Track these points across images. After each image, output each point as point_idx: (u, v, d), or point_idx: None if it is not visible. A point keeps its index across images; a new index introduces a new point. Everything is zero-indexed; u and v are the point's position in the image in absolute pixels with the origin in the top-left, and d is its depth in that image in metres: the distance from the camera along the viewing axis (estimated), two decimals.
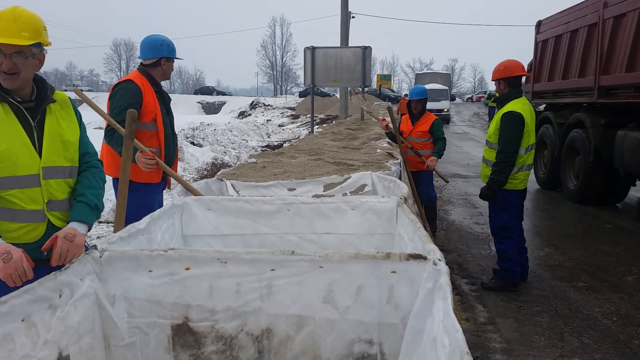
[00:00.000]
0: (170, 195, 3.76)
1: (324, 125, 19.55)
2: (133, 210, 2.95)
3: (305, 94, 43.53)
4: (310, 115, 13.95)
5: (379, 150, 5.35)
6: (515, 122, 4.50)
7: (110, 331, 1.71)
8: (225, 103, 50.25)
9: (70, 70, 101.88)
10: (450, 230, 6.87)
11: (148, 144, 3.37)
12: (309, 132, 14.42)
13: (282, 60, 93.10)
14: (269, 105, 44.09)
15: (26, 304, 1.42)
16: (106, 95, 3.76)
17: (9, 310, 1.37)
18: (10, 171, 2.17)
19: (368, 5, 43.81)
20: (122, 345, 1.73)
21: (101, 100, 20.13)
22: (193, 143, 18.07)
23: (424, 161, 6.02)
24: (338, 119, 18.66)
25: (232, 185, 3.35)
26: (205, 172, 12.73)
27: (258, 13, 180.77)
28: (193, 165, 13.81)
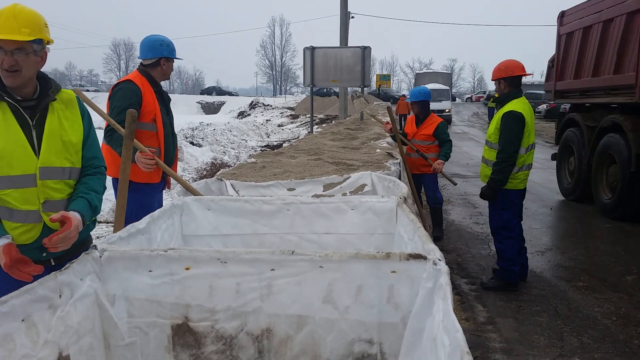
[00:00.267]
0: (169, 195, 3.76)
1: (324, 125, 19.56)
2: (133, 210, 2.95)
3: (319, 93, 42.57)
4: (309, 115, 13.96)
5: (378, 150, 5.35)
6: (515, 122, 4.51)
7: (110, 331, 1.71)
8: (224, 103, 50.24)
9: (69, 71, 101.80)
10: (450, 230, 6.87)
11: (148, 144, 3.37)
12: (309, 132, 14.43)
13: (282, 60, 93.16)
14: (268, 105, 44.10)
15: (26, 304, 1.42)
16: (105, 95, 3.75)
17: (9, 310, 1.37)
18: (5, 170, 2.15)
19: (367, 5, 43.83)
20: (122, 345, 1.73)
21: (100, 100, 20.12)
22: (192, 143, 18.08)
23: (431, 164, 6.00)
24: (337, 119, 18.67)
25: (232, 185, 3.35)
26: (204, 172, 12.74)
27: (257, 13, 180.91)
28: (192, 165, 13.82)
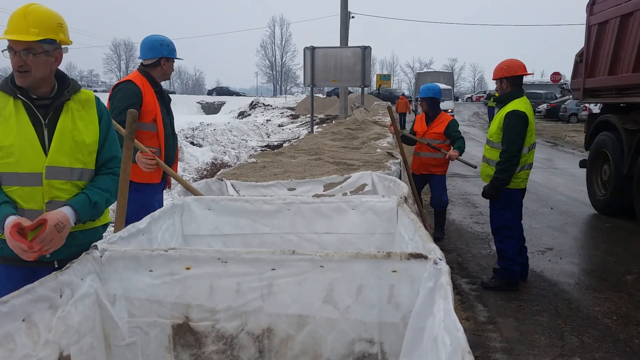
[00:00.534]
0: (170, 195, 3.76)
1: (324, 125, 19.55)
2: (133, 210, 2.95)
3: (333, 93, 41.66)
4: (309, 115, 13.95)
5: (378, 150, 5.35)
6: (519, 121, 4.52)
7: (111, 331, 1.71)
8: (224, 103, 50.22)
9: (69, 71, 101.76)
10: (451, 229, 6.87)
11: (148, 144, 3.37)
12: (309, 132, 14.43)
13: (282, 61, 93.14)
14: (268, 105, 44.07)
15: (27, 304, 1.42)
16: (106, 95, 3.74)
17: (10, 310, 1.37)
18: (13, 167, 2.16)
19: (367, 5, 43.83)
20: (123, 345, 1.73)
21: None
22: (193, 143, 18.07)
23: (444, 154, 5.92)
24: (338, 118, 18.66)
25: (232, 185, 3.35)
26: (205, 172, 12.73)
27: (257, 13, 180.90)
28: (193, 165, 13.82)
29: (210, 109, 48.83)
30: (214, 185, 3.35)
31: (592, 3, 8.14)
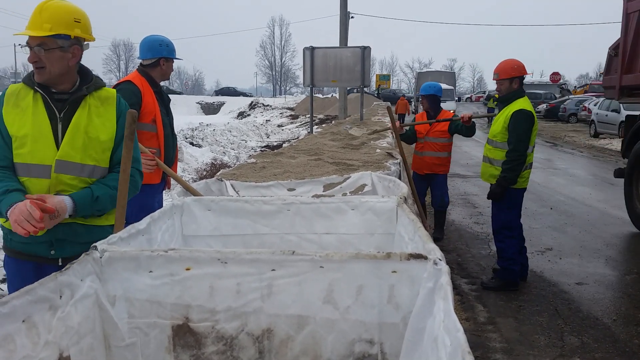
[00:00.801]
0: (170, 196, 3.76)
1: (323, 125, 19.55)
2: (133, 211, 2.94)
3: (350, 92, 41.53)
4: (309, 115, 13.94)
5: (378, 150, 5.35)
6: (527, 120, 4.54)
7: (111, 332, 1.71)
8: (224, 103, 50.20)
9: None
10: (450, 230, 6.87)
11: (148, 145, 3.37)
12: (309, 132, 14.42)
13: (281, 61, 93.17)
14: (268, 105, 44.07)
15: (27, 305, 1.42)
16: None
17: (10, 311, 1.36)
18: (25, 158, 2.17)
19: (367, 5, 43.84)
20: (123, 345, 1.73)
21: None
22: (192, 143, 18.08)
23: (457, 117, 5.92)
24: (337, 119, 18.66)
25: (232, 185, 3.35)
26: (204, 173, 12.74)
27: (257, 13, 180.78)
28: (192, 166, 13.82)
29: (210, 110, 48.81)
30: (214, 186, 3.34)
31: None
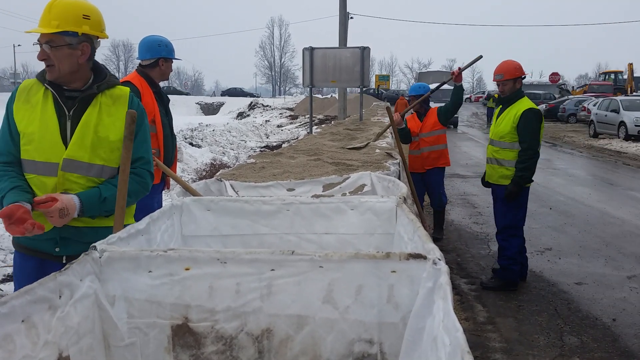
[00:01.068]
0: (169, 196, 3.76)
1: (323, 125, 19.55)
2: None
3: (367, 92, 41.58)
4: (308, 115, 13.93)
5: (377, 151, 5.35)
6: (538, 119, 4.59)
7: (110, 332, 1.71)
8: (223, 104, 50.17)
9: None
10: (450, 230, 6.87)
11: None
12: (308, 133, 14.42)
13: (281, 61, 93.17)
14: (267, 105, 44.04)
15: (26, 305, 1.42)
16: None
17: (9, 311, 1.36)
18: (31, 155, 2.16)
19: (366, 5, 43.89)
20: (122, 345, 1.73)
21: None
22: (192, 144, 18.05)
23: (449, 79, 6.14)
24: (337, 119, 18.66)
25: (231, 185, 3.35)
26: (204, 173, 12.72)
27: (257, 14, 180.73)
28: (192, 166, 13.80)
29: (209, 110, 48.77)
30: (213, 186, 3.34)
31: None
